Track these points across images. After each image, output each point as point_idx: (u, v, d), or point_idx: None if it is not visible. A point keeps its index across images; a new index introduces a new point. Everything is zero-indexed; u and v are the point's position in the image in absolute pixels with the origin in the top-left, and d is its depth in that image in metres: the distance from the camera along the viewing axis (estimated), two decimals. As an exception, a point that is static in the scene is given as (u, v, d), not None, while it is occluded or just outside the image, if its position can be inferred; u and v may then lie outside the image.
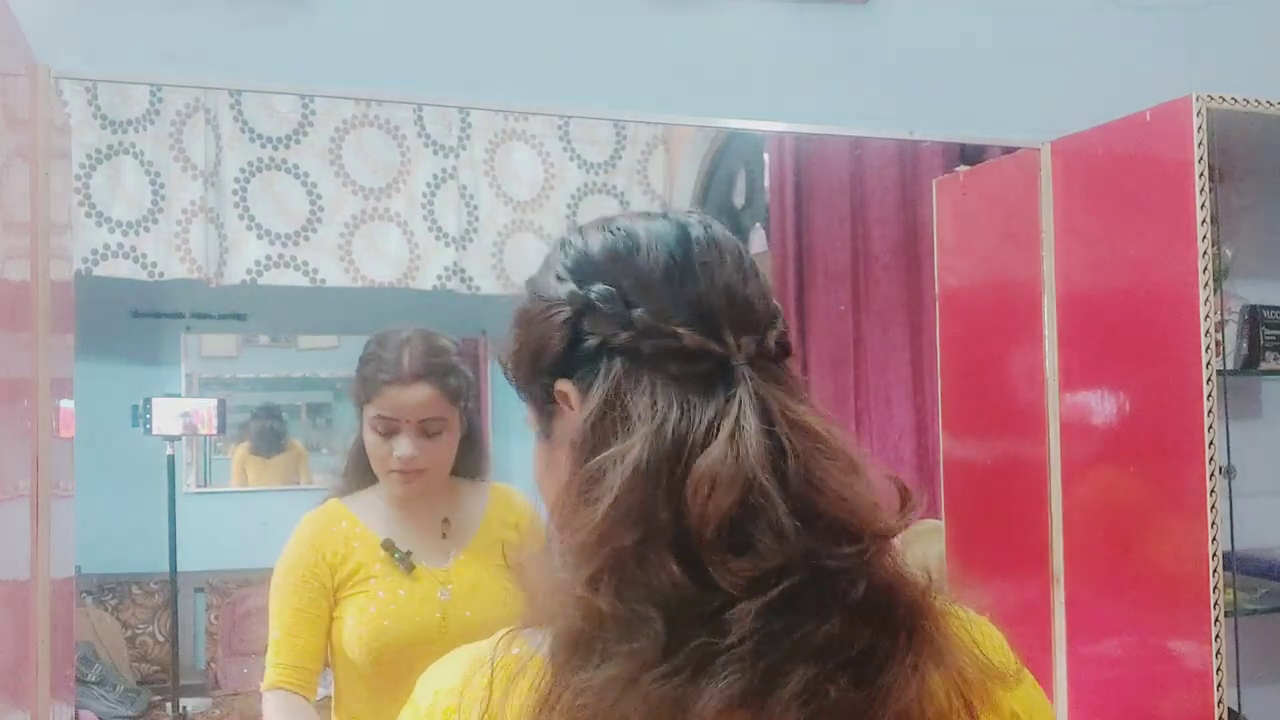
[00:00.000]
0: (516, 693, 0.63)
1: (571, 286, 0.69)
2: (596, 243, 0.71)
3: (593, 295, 0.68)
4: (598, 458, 0.64)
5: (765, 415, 0.64)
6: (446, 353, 1.61)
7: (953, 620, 0.67)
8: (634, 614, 0.60)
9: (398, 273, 3.25)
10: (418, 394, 1.56)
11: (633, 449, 0.63)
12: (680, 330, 0.66)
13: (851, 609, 0.62)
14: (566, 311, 0.69)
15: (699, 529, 0.60)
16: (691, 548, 0.60)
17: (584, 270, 0.70)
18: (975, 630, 0.71)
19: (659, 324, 0.66)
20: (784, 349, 0.69)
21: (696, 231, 0.70)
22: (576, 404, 0.69)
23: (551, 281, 0.71)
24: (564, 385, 0.70)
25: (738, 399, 0.64)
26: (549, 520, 0.68)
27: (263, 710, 1.58)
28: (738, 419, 0.63)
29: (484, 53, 1.76)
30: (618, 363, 0.66)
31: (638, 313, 0.66)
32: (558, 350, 0.69)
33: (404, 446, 1.56)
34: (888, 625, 0.62)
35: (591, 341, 0.68)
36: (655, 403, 0.64)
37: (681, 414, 0.64)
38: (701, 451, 0.62)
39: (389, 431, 1.57)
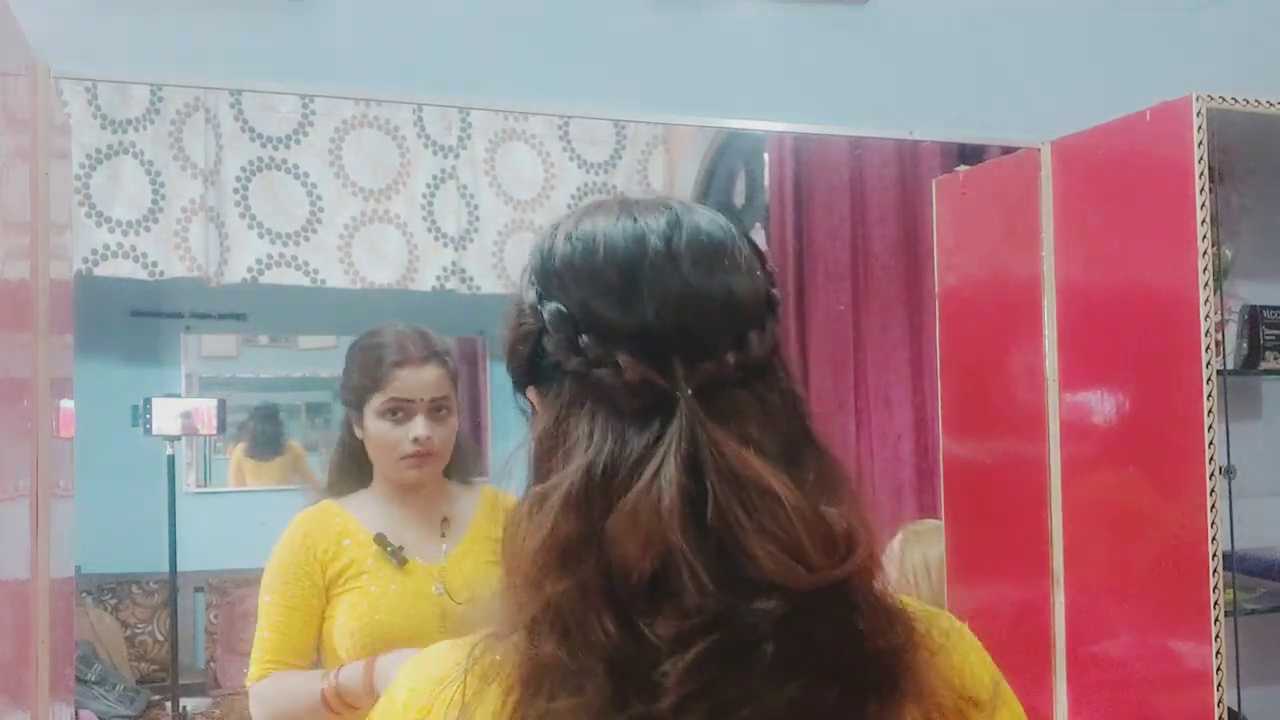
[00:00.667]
0: (486, 700, 0.62)
1: (533, 298, 0.68)
2: (560, 250, 0.68)
3: (546, 316, 0.67)
4: (540, 485, 0.64)
5: (691, 458, 0.61)
6: (440, 339, 1.65)
7: (931, 646, 0.64)
8: (579, 665, 0.59)
9: (397, 273, 3.25)
10: (429, 373, 1.60)
11: (564, 481, 0.62)
12: (622, 361, 0.63)
13: (819, 665, 0.59)
14: (530, 324, 0.68)
15: (621, 579, 0.59)
16: (621, 598, 0.59)
17: (546, 281, 0.68)
18: (955, 649, 0.68)
19: (603, 353, 0.64)
20: (749, 369, 0.65)
21: (655, 240, 0.66)
22: (540, 412, 0.69)
23: (524, 283, 0.71)
24: (531, 392, 0.71)
25: (666, 441, 0.61)
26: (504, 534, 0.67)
27: (252, 702, 1.58)
28: (660, 463, 0.61)
29: (484, 53, 1.76)
30: (567, 385, 0.66)
31: (584, 340, 0.64)
32: (524, 358, 0.69)
33: (420, 427, 1.58)
34: (858, 685, 0.60)
35: (549, 359, 0.67)
36: (593, 434, 0.63)
37: (615, 449, 0.62)
38: (623, 494, 0.60)
39: (403, 415, 1.59)
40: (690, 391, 0.63)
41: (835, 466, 0.66)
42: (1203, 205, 1.56)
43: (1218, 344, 1.59)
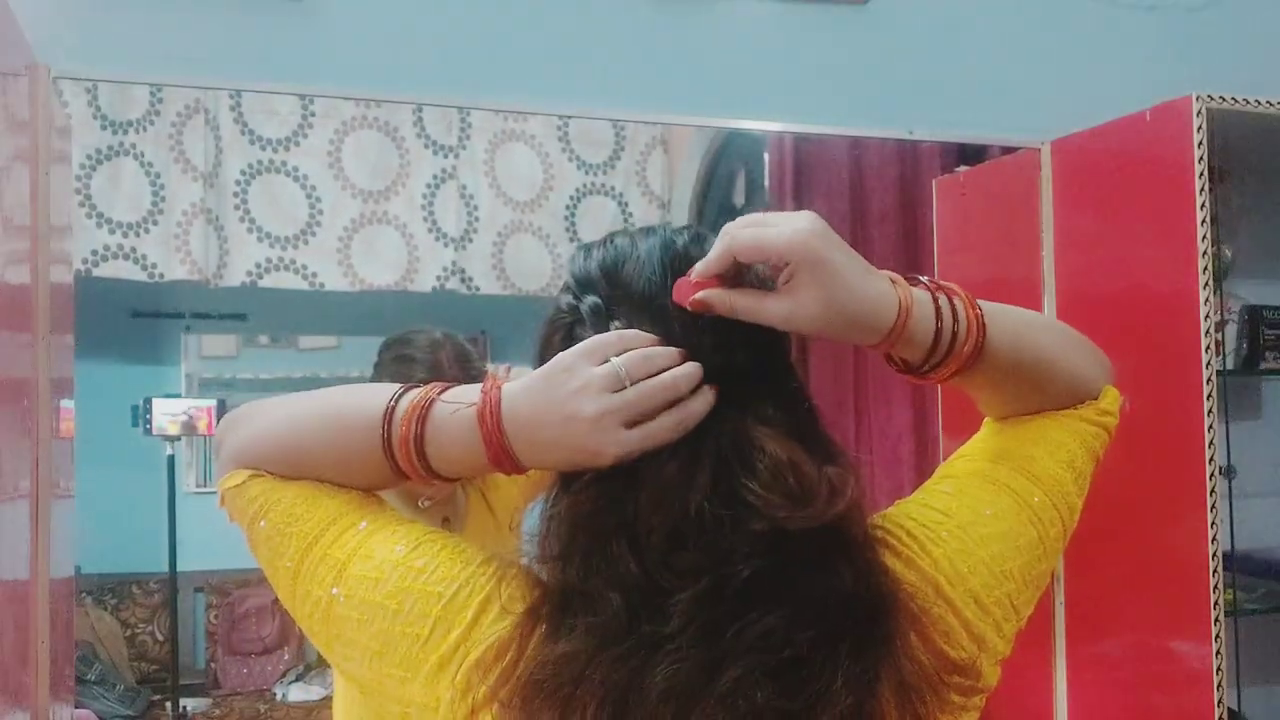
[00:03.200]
0: (503, 597, 0.68)
1: (570, 298, 0.75)
2: (596, 257, 0.76)
3: (583, 308, 0.73)
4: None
5: (713, 434, 0.68)
6: (475, 362, 1.64)
7: (913, 610, 0.69)
8: (598, 593, 0.65)
9: (396, 275, 3.25)
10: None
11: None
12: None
13: (801, 603, 0.65)
14: (566, 318, 0.75)
15: (647, 532, 0.66)
16: (643, 545, 0.66)
17: (582, 283, 0.75)
18: (957, 554, 0.74)
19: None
20: (762, 364, 0.72)
21: (681, 241, 0.75)
22: None
23: (561, 292, 0.77)
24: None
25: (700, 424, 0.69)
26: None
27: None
28: (687, 445, 0.68)
29: (484, 53, 1.76)
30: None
31: (615, 325, 0.71)
32: (557, 346, 0.73)
33: None
34: (834, 627, 0.64)
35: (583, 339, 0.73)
36: None
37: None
38: (654, 469, 0.68)
39: None
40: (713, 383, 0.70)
41: (843, 451, 0.72)
42: (1203, 205, 1.56)
43: (1218, 344, 1.59)
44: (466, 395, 0.72)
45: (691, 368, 0.69)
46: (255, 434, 0.81)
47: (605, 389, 0.68)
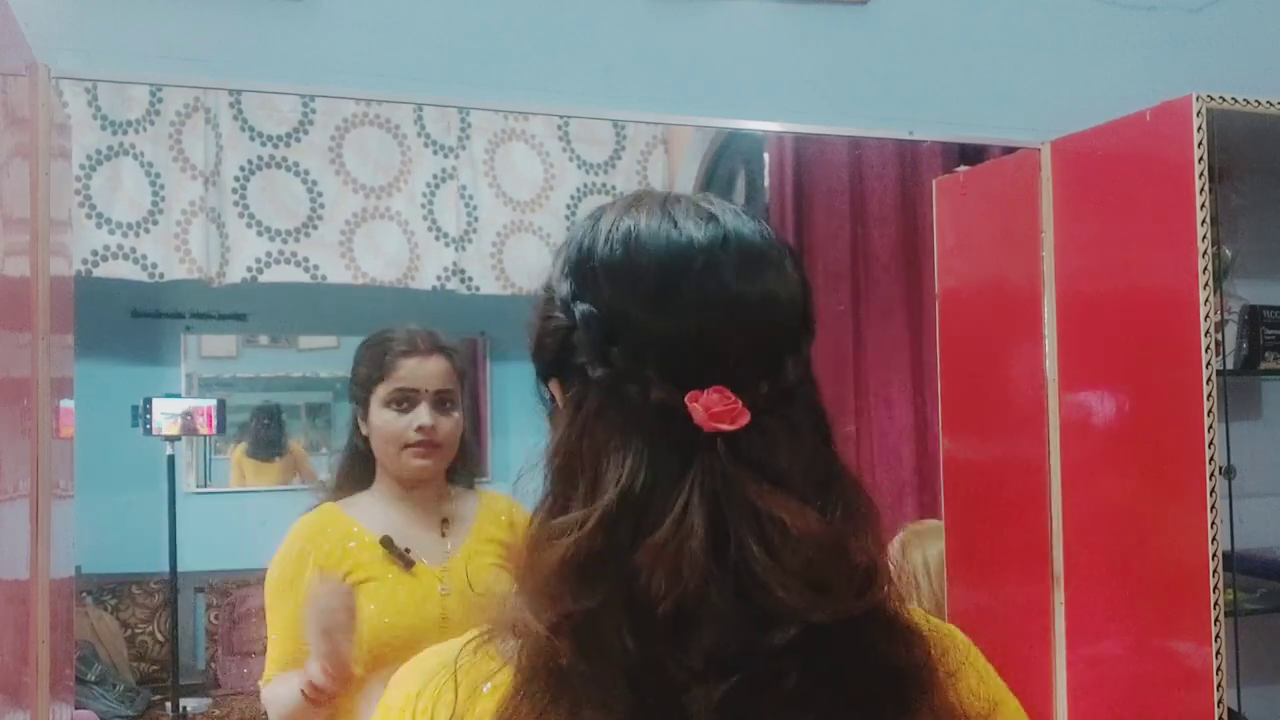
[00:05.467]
0: (483, 705, 0.62)
1: (565, 293, 0.66)
2: (599, 249, 0.65)
3: (578, 316, 0.64)
4: (566, 502, 0.63)
5: (716, 496, 0.60)
6: (449, 339, 1.69)
7: (948, 667, 0.64)
8: (600, 676, 0.58)
9: (398, 271, 3.25)
10: (435, 364, 1.63)
11: (598, 508, 0.61)
12: (653, 381, 0.61)
13: (847, 692, 0.59)
14: (561, 320, 0.66)
15: (646, 609, 0.58)
16: (643, 624, 0.59)
17: (581, 276, 0.66)
18: (969, 669, 0.68)
19: (632, 368, 0.62)
20: (783, 396, 0.64)
21: (698, 254, 0.64)
22: (561, 409, 0.67)
23: (557, 274, 0.68)
24: (554, 385, 0.69)
25: (693, 474, 0.60)
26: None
27: (266, 701, 1.58)
28: (688, 500, 0.60)
29: (484, 53, 1.76)
30: (593, 393, 0.64)
31: (615, 352, 0.62)
32: (551, 352, 0.67)
33: (423, 415, 1.60)
34: (875, 706, 0.60)
35: (577, 360, 0.65)
36: (624, 456, 0.61)
37: (647, 476, 0.61)
38: (652, 527, 0.59)
39: (407, 405, 1.61)
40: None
41: (862, 496, 0.65)
42: (1203, 205, 1.56)
43: (1218, 344, 1.59)
44: None
45: None
46: None
47: None
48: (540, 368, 0.69)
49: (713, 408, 0.60)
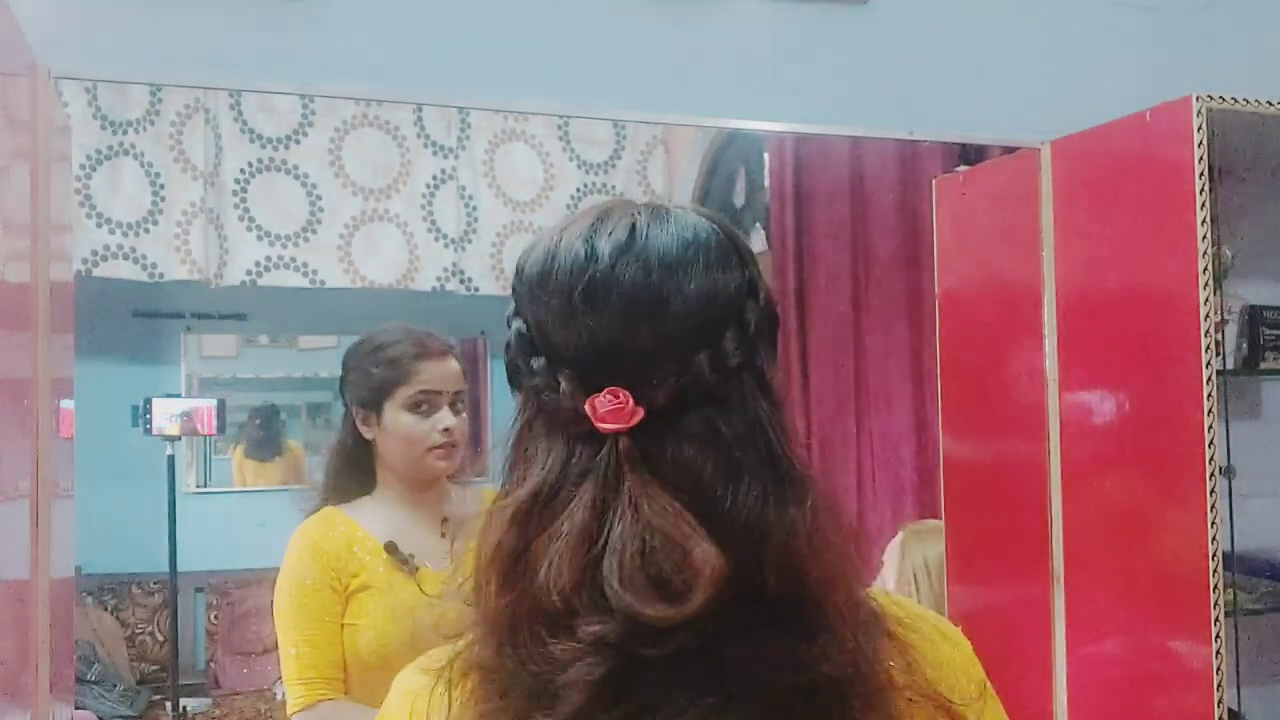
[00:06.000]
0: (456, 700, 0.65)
1: (510, 310, 0.70)
2: (529, 267, 0.69)
3: (512, 331, 0.69)
4: (498, 500, 0.67)
5: (606, 494, 0.62)
6: (447, 338, 1.68)
7: (894, 682, 0.64)
8: (508, 672, 0.62)
9: (397, 273, 3.25)
10: (451, 366, 1.63)
11: (514, 501, 0.65)
12: (563, 388, 0.64)
13: (738, 690, 0.60)
14: (508, 334, 0.69)
15: (543, 598, 0.61)
16: (542, 615, 0.62)
17: (516, 294, 0.70)
18: (932, 662, 0.68)
19: (550, 377, 0.65)
20: (695, 393, 0.64)
21: (599, 263, 0.65)
22: (515, 415, 0.71)
23: (514, 284, 0.71)
24: (515, 392, 0.72)
25: (593, 473, 0.63)
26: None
27: None
28: (581, 496, 0.63)
29: (484, 53, 1.76)
30: (530, 403, 0.68)
31: (538, 364, 0.66)
32: (508, 362, 0.70)
33: (447, 418, 1.60)
34: (786, 712, 0.60)
35: (521, 370, 0.69)
36: (546, 455, 0.65)
37: (558, 473, 0.64)
38: (554, 521, 0.63)
39: (428, 407, 1.60)
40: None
41: (803, 488, 0.65)
42: (1203, 205, 1.56)
43: (1218, 344, 1.59)
44: None
45: None
46: None
47: None
48: (507, 376, 0.73)
49: (601, 409, 0.63)
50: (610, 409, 0.63)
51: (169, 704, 3.48)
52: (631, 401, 0.63)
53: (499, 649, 0.63)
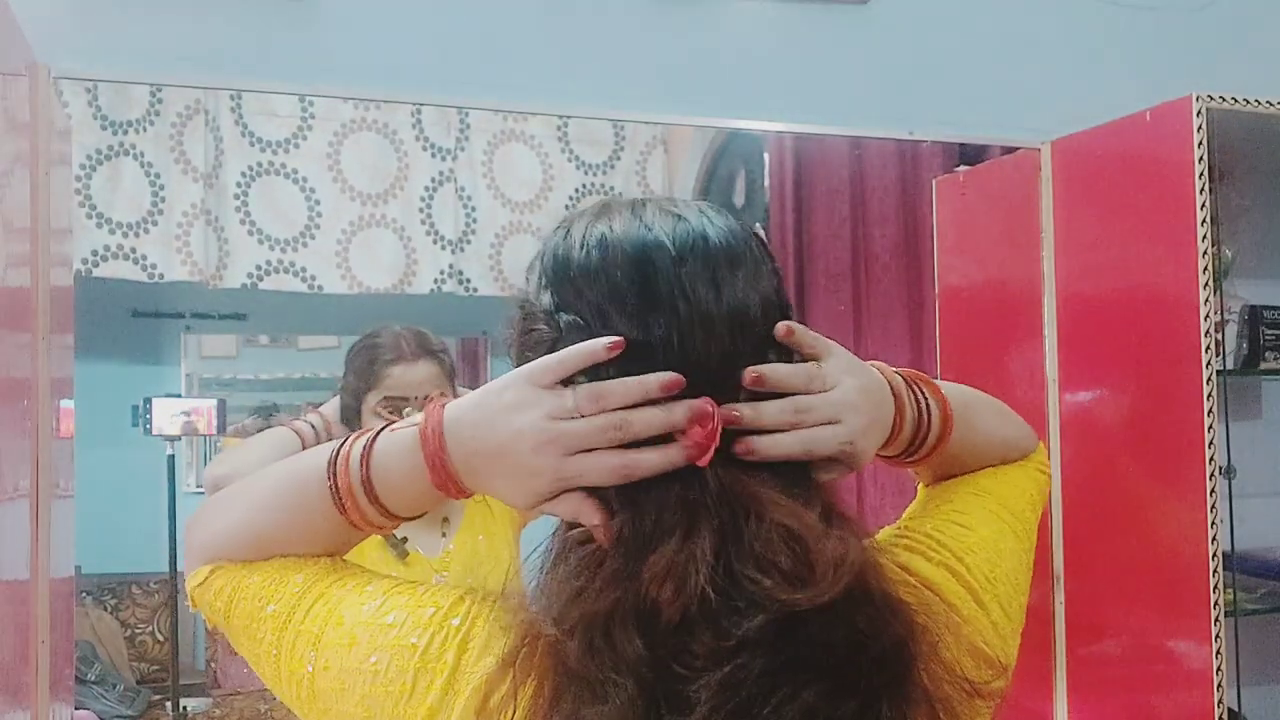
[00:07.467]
0: (485, 662, 0.63)
1: (548, 304, 0.67)
2: (576, 257, 0.67)
3: (563, 327, 0.65)
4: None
5: (715, 504, 0.62)
6: (436, 338, 1.68)
7: (931, 639, 0.64)
8: (605, 678, 0.59)
9: (394, 278, 3.25)
10: (423, 370, 1.63)
11: (617, 523, 0.63)
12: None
13: (837, 672, 0.60)
14: (545, 331, 0.66)
15: (652, 615, 0.60)
16: (650, 628, 0.60)
17: (560, 285, 0.67)
18: (957, 629, 0.69)
19: (622, 376, 0.63)
20: (761, 396, 0.65)
21: (667, 256, 0.65)
22: None
23: (535, 285, 0.69)
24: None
25: (696, 485, 0.62)
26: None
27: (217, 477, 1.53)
28: (692, 514, 0.62)
29: (483, 53, 1.76)
30: None
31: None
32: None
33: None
34: (872, 687, 0.60)
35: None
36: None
37: (650, 494, 0.62)
38: (661, 539, 0.61)
39: (396, 414, 1.60)
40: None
41: (832, 491, 0.67)
42: (1203, 205, 1.56)
43: (1218, 344, 1.59)
44: (413, 421, 0.67)
45: (650, 413, 0.62)
46: (216, 525, 0.75)
47: (550, 416, 0.62)
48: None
49: (694, 438, 0.62)
50: (703, 439, 0.62)
51: (169, 704, 3.48)
52: (716, 416, 0.63)
53: (589, 654, 0.60)
